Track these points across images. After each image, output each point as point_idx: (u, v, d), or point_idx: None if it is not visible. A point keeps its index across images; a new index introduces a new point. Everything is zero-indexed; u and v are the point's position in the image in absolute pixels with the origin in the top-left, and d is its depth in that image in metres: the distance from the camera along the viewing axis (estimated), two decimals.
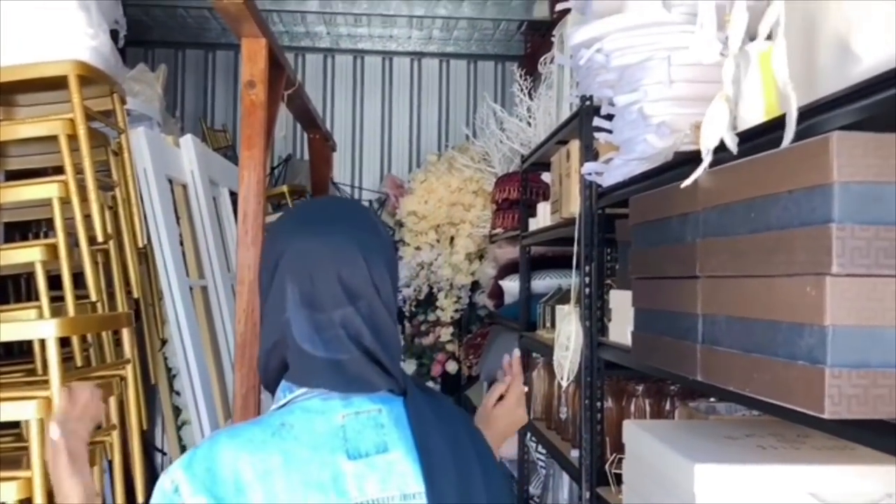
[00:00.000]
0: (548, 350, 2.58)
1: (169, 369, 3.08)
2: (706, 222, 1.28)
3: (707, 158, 1.20)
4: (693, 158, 1.45)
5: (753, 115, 1.26)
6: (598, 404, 2.15)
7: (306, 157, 5.32)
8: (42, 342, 2.17)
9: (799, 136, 1.02)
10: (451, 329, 4.93)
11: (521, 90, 3.88)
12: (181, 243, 3.00)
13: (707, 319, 1.28)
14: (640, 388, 2.15)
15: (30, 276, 2.85)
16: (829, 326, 0.96)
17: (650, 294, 1.54)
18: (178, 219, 3.03)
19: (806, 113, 1.02)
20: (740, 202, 1.16)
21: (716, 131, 1.15)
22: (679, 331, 1.37)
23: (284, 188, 4.70)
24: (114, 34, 2.56)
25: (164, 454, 3.30)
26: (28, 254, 2.18)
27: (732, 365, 1.19)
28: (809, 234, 1.00)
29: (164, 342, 3.08)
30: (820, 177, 0.98)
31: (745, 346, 1.15)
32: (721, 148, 1.20)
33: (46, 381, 1.89)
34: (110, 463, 2.30)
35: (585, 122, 2.15)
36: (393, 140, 6.08)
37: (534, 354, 3.09)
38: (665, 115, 1.74)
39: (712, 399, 1.89)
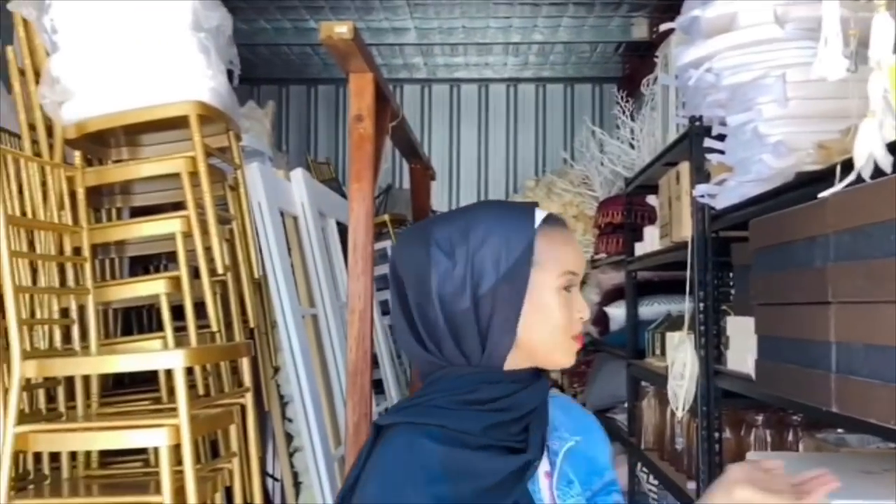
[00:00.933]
0: (658, 378, 2.51)
1: (281, 396, 3.15)
2: (838, 245, 1.22)
3: (851, 177, 1.14)
4: (817, 178, 1.39)
5: (885, 132, 1.20)
6: (716, 435, 2.08)
7: (405, 186, 5.40)
8: (168, 371, 2.27)
9: None
10: None
11: (623, 112, 3.83)
12: (293, 273, 3.09)
13: (842, 347, 1.22)
14: (760, 417, 2.06)
15: (151, 307, 2.98)
16: None
17: (776, 321, 1.48)
18: (289, 249, 3.12)
19: None
20: (879, 224, 1.10)
21: (866, 149, 1.10)
22: (809, 359, 1.31)
23: (386, 217, 4.76)
24: (229, 74, 2.69)
25: (277, 480, 3.37)
26: (153, 286, 2.30)
27: (873, 395, 1.12)
28: None
29: (276, 370, 3.15)
30: None
31: (888, 375, 1.09)
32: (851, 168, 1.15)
33: (174, 409, 1.98)
34: (228, 489, 2.37)
35: (695, 142, 2.10)
36: (490, 166, 6.11)
37: (643, 383, 3.02)
38: (781, 134, 1.68)
39: (840, 430, 1.79)
